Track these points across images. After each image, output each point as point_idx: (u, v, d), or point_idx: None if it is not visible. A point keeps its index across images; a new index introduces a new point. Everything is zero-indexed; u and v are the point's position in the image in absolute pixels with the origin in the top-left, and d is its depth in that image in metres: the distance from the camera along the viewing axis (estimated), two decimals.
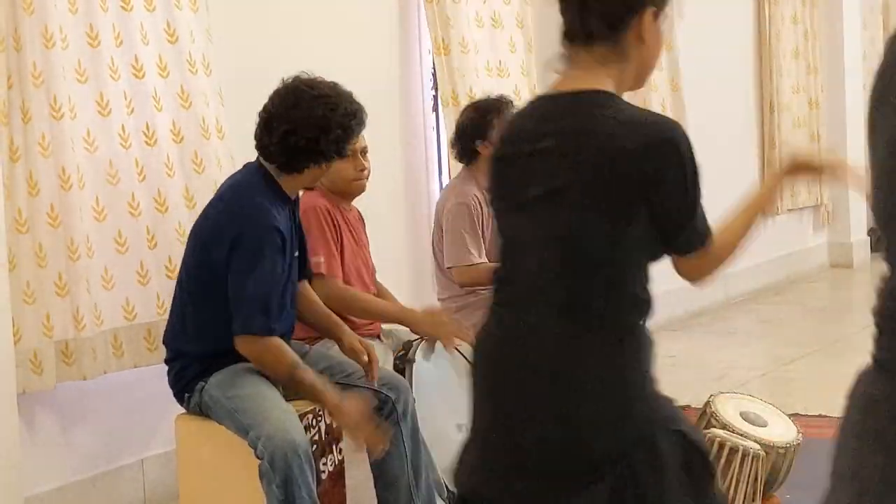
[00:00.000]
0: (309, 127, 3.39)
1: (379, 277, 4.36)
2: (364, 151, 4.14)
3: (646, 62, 2.28)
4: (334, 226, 4.04)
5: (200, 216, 3.53)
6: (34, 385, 3.88)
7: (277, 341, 3.35)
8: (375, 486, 3.66)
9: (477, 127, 4.70)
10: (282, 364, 3.34)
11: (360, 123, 3.51)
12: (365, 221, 4.32)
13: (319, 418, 3.46)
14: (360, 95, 5.06)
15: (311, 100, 3.42)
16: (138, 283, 4.14)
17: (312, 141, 3.39)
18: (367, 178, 4.17)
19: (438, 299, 4.81)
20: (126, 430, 4.33)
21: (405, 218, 5.66)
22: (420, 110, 5.71)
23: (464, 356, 4.18)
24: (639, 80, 2.32)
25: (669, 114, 7.42)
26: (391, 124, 5.56)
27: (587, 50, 2.25)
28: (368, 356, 3.59)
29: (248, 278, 3.29)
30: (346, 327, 3.73)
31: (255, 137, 3.48)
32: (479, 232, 4.61)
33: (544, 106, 2.32)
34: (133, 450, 4.35)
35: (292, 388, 3.39)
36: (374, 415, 3.43)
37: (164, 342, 3.59)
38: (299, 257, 3.64)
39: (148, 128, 4.18)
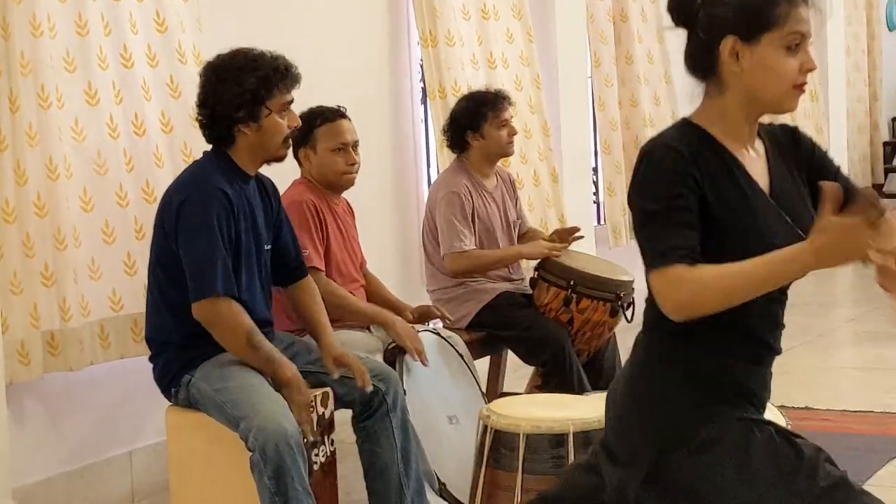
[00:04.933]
0: (206, 96, 3.43)
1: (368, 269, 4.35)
2: (355, 145, 4.14)
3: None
4: (319, 219, 4.04)
5: (158, 206, 3.52)
6: (21, 376, 3.85)
7: (233, 303, 3.30)
8: (365, 478, 3.65)
9: (470, 118, 4.72)
10: (239, 327, 3.29)
11: (265, 78, 3.39)
12: (354, 213, 4.31)
13: (311, 409, 3.43)
14: (350, 87, 5.09)
15: (206, 71, 3.47)
16: (125, 273, 4.11)
17: (212, 108, 3.42)
18: (357, 172, 4.17)
19: (428, 290, 4.81)
20: (114, 422, 4.29)
21: (394, 210, 5.65)
22: (409, 102, 5.70)
23: (454, 348, 4.18)
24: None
25: (663, 107, 7.44)
26: (381, 116, 5.54)
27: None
28: (352, 366, 3.51)
29: (194, 241, 3.29)
30: (328, 333, 3.62)
31: None
32: (470, 221, 4.62)
33: None
34: (121, 441, 4.32)
35: (249, 358, 3.33)
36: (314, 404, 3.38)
37: (145, 339, 3.57)
38: (283, 249, 3.63)
39: (137, 117, 4.14)
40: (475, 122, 4.72)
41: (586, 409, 3.25)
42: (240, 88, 3.37)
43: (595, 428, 3.13)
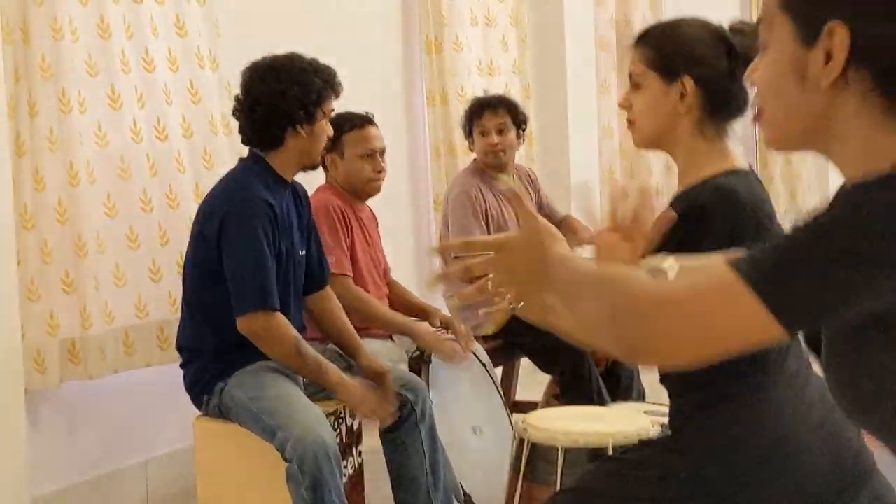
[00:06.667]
0: (267, 94, 3.39)
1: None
2: (382, 152, 4.11)
3: None
4: (346, 224, 4.01)
5: (196, 213, 3.49)
6: (37, 383, 3.80)
7: (280, 317, 3.28)
8: (393, 489, 3.61)
9: (464, 125, 4.77)
10: (287, 339, 3.27)
11: (326, 81, 3.44)
12: (377, 221, 4.28)
13: (341, 420, 3.40)
14: (365, 91, 5.04)
15: (265, 71, 3.43)
16: (150, 280, 4.06)
17: (273, 107, 3.38)
18: (383, 180, 4.13)
19: (444, 296, 4.76)
20: (130, 431, 4.24)
21: (408, 215, 5.61)
22: (422, 107, 5.66)
23: (477, 357, 4.14)
24: None
25: None
26: (395, 122, 5.49)
27: None
28: (386, 389, 3.50)
29: (239, 254, 3.27)
30: (361, 344, 3.63)
31: (239, 130, 3.51)
32: (482, 222, 4.58)
33: None
34: (137, 451, 4.27)
35: (297, 367, 3.32)
36: (375, 387, 3.38)
37: (177, 347, 3.52)
38: (312, 257, 3.59)
39: (159, 122, 4.09)
40: (467, 128, 4.75)
41: (624, 423, 3.21)
42: (305, 89, 3.38)
43: (633, 442, 3.09)
